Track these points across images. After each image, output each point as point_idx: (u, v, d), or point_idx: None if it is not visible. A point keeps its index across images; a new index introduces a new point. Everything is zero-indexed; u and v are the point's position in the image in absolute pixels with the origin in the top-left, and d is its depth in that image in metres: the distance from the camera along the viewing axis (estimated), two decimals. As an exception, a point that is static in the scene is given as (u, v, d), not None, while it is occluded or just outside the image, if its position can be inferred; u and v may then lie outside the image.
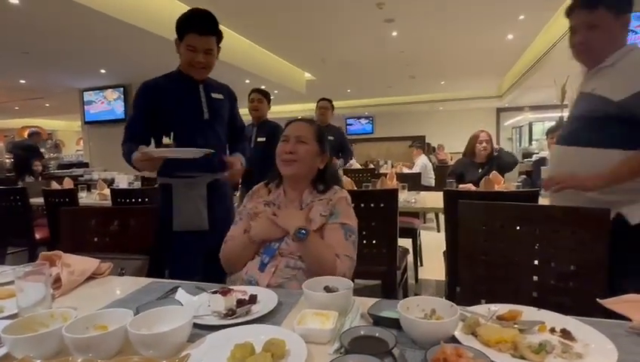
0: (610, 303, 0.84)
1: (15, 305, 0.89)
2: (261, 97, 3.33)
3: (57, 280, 1.09)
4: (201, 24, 1.67)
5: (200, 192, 1.77)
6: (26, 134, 7.61)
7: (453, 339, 0.72)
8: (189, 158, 1.64)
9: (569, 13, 1.39)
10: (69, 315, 0.80)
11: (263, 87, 3.69)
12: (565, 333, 0.74)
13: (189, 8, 1.74)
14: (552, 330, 0.77)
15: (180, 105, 1.75)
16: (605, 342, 0.70)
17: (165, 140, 1.64)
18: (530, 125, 12.80)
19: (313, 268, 1.18)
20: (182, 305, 0.91)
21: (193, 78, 1.77)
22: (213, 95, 1.82)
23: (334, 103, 4.74)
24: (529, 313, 0.83)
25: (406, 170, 5.95)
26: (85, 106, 8.46)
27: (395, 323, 0.78)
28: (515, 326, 0.78)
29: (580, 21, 1.33)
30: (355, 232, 1.29)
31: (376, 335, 0.75)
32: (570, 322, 0.78)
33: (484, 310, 0.84)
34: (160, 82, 1.77)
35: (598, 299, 0.86)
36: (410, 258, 2.98)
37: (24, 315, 0.83)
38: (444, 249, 2.40)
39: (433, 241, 4.29)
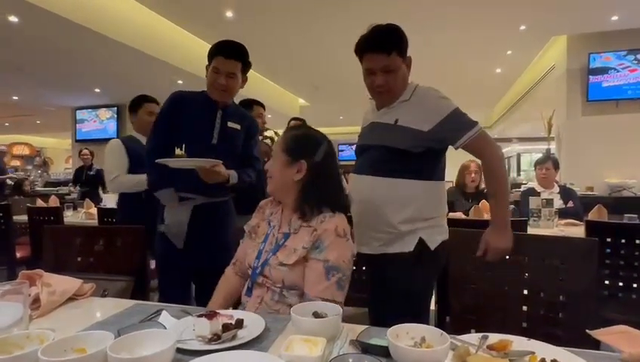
0: (600, 334, 0.84)
1: (-10, 326, 0.85)
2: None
3: (36, 300, 1.06)
4: (228, 48, 1.75)
5: (184, 212, 1.77)
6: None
7: (443, 369, 0.71)
8: (189, 170, 1.66)
9: (361, 54, 1.45)
10: (45, 337, 0.77)
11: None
12: (556, 364, 0.73)
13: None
14: (543, 361, 0.76)
15: (191, 124, 1.79)
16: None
17: (178, 151, 1.65)
18: (519, 156, 13.08)
19: None
20: (165, 328, 0.88)
21: (215, 102, 1.80)
22: (230, 124, 1.83)
23: (326, 129, 4.84)
24: (519, 343, 0.82)
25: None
26: (77, 125, 8.45)
27: (384, 351, 0.77)
28: (506, 356, 0.76)
29: (377, 65, 1.41)
30: (342, 269, 1.12)
31: (365, 363, 0.73)
32: (561, 353, 0.78)
33: (475, 339, 0.83)
34: (186, 96, 1.83)
35: (587, 331, 0.86)
36: (399, 285, 2.94)
37: (-1, 336, 0.79)
38: (434, 277, 2.38)
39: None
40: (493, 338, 0.83)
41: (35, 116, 10.10)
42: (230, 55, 1.74)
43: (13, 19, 4.13)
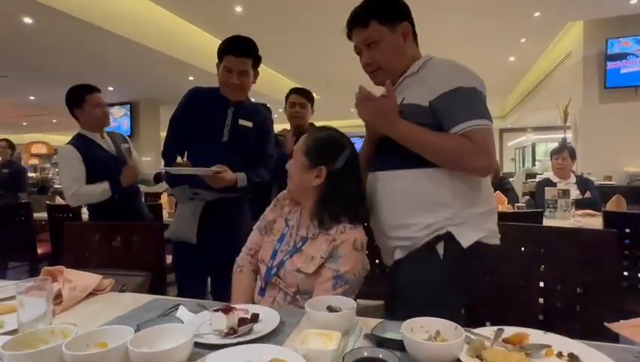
0: (618, 327, 0.82)
1: (15, 321, 0.88)
2: (304, 101, 2.65)
3: (58, 296, 1.09)
4: (238, 47, 1.73)
5: (194, 209, 1.78)
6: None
7: (458, 362, 0.71)
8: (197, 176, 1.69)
9: (349, 35, 1.28)
10: (69, 332, 0.79)
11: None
12: (573, 358, 0.73)
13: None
14: (560, 354, 0.75)
15: (202, 121, 1.80)
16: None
17: (179, 159, 1.71)
18: (534, 146, 12.84)
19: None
20: (183, 323, 0.90)
21: (227, 100, 1.80)
22: (242, 121, 1.82)
23: (338, 122, 4.81)
24: (536, 336, 0.81)
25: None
26: (91, 123, 8.57)
27: (398, 345, 0.77)
28: (522, 349, 0.76)
29: (358, 41, 1.24)
30: (350, 281, 1.11)
31: (380, 356, 0.73)
32: (578, 346, 0.77)
33: (490, 332, 0.83)
34: (202, 92, 1.84)
35: (606, 324, 0.85)
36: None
37: (24, 331, 0.82)
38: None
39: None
40: (509, 331, 0.82)
41: (51, 115, 10.32)
42: (241, 53, 1.73)
43: (27, 20, 4.20)
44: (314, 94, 2.83)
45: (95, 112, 2.26)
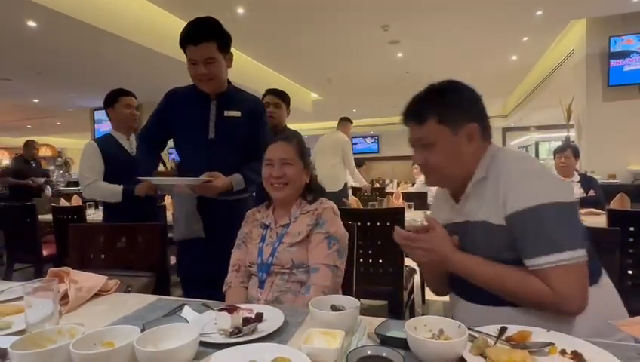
0: (623, 325, 0.82)
1: (23, 321, 0.89)
2: (278, 101, 2.63)
3: (65, 297, 1.10)
4: (195, 33, 1.56)
5: (190, 203, 1.73)
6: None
7: (462, 360, 0.71)
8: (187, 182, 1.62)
9: (405, 123, 1.13)
10: (76, 331, 0.80)
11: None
12: (576, 355, 0.73)
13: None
14: (563, 352, 0.75)
15: (184, 121, 1.70)
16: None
17: (161, 168, 1.67)
18: (537, 145, 12.81)
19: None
20: (188, 322, 0.90)
21: (207, 93, 1.68)
22: (227, 113, 1.69)
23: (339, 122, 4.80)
24: (539, 334, 0.81)
25: (412, 189, 5.96)
26: (96, 125, 8.64)
27: (402, 343, 0.77)
28: (525, 347, 0.76)
29: (413, 137, 1.09)
30: (340, 241, 1.28)
31: (384, 355, 0.74)
32: (581, 344, 0.77)
33: (493, 331, 0.83)
34: (179, 92, 1.75)
35: (609, 321, 0.85)
36: (417, 278, 2.94)
37: (32, 331, 0.83)
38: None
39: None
40: (512, 329, 0.83)
41: (56, 118, 10.38)
42: (199, 39, 1.55)
43: (31, 24, 4.23)
44: (315, 94, 2.84)
45: (124, 112, 2.41)
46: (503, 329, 0.83)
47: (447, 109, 1.02)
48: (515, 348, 0.76)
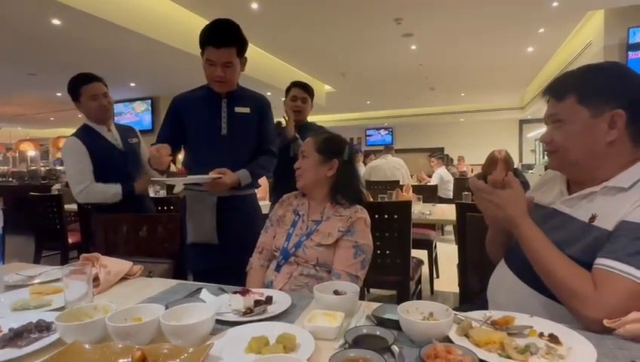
0: (617, 325, 0.80)
1: (62, 299, 1.01)
2: (306, 96, 2.61)
3: (96, 279, 1.22)
4: (217, 36, 1.59)
5: (209, 206, 1.73)
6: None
7: (448, 340, 0.80)
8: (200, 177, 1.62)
9: (544, 97, 1.06)
10: (109, 308, 0.92)
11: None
12: (552, 337, 0.80)
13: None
14: (541, 334, 0.83)
15: (197, 120, 1.73)
16: (587, 345, 0.75)
17: (172, 168, 1.67)
18: (554, 137, 12.55)
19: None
20: (205, 303, 1.01)
21: (217, 92, 1.73)
22: (238, 109, 1.74)
23: (354, 115, 4.86)
24: (522, 319, 0.89)
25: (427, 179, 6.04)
26: (115, 117, 8.82)
27: (395, 324, 0.86)
28: (507, 330, 0.84)
29: (547, 113, 1.01)
30: (367, 252, 1.34)
31: (377, 333, 0.83)
32: (560, 328, 0.84)
33: (481, 315, 0.91)
34: (186, 96, 1.79)
35: (605, 321, 0.81)
36: (425, 269, 3.02)
37: (70, 308, 0.95)
38: (458, 261, 2.43)
39: (451, 253, 4.28)
40: (498, 314, 0.90)
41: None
42: (221, 43, 1.58)
43: (56, 22, 4.40)
44: (329, 86, 2.89)
45: (91, 105, 2.09)
46: (489, 315, 0.91)
47: (590, 90, 0.93)
48: (497, 331, 0.84)
